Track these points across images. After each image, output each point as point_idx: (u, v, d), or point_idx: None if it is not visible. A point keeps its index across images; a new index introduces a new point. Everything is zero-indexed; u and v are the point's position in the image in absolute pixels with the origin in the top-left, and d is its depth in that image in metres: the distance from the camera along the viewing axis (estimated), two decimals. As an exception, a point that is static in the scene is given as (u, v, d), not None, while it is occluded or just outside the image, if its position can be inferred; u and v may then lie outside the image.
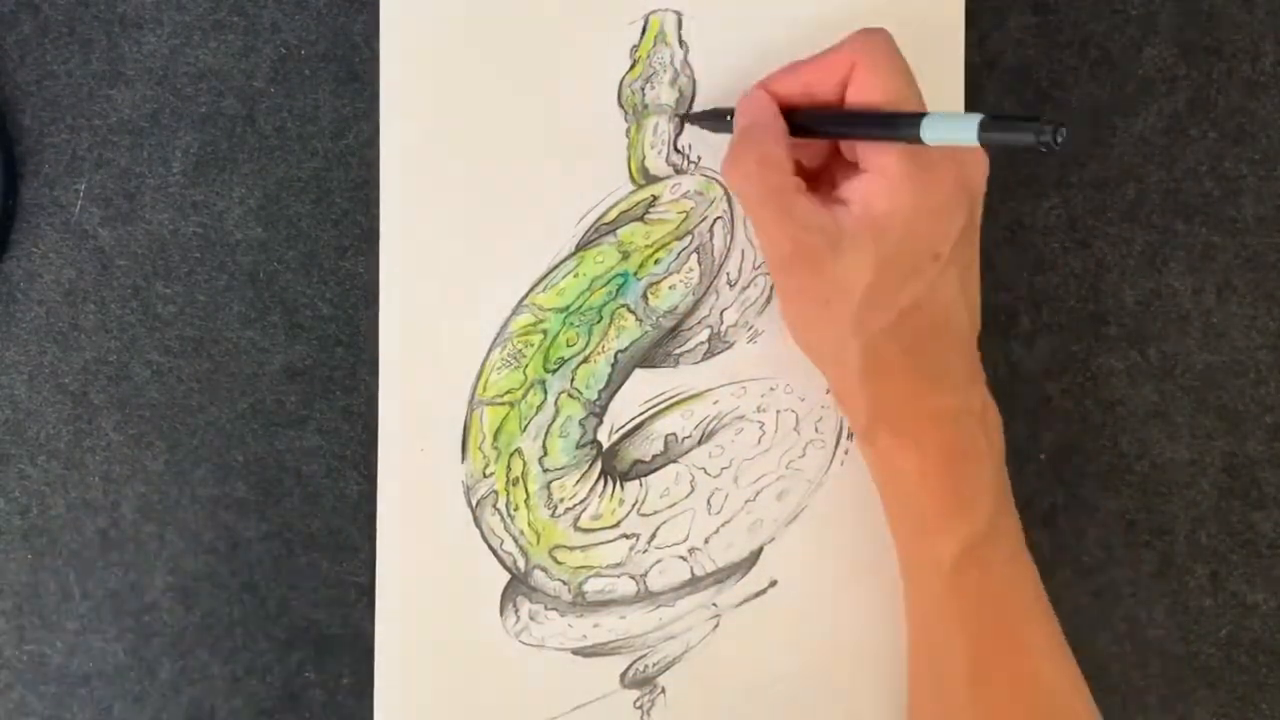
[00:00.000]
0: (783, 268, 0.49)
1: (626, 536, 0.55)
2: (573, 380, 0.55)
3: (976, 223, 0.50)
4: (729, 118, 0.52)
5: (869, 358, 0.48)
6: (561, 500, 0.55)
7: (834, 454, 0.55)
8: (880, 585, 0.54)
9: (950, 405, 0.49)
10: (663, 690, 0.55)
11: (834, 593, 0.55)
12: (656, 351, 0.55)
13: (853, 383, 0.49)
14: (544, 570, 0.55)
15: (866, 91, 0.48)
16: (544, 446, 0.55)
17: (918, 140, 0.46)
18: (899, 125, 0.47)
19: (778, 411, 0.55)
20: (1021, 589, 0.50)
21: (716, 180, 0.55)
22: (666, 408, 0.55)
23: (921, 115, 0.46)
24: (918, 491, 0.49)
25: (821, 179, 0.51)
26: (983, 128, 0.43)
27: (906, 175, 0.47)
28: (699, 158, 0.55)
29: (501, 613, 0.55)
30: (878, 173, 0.47)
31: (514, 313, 0.55)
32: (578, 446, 0.55)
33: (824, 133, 0.50)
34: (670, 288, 0.55)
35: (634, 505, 0.55)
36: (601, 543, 0.55)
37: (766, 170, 0.48)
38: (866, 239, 0.47)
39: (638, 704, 0.55)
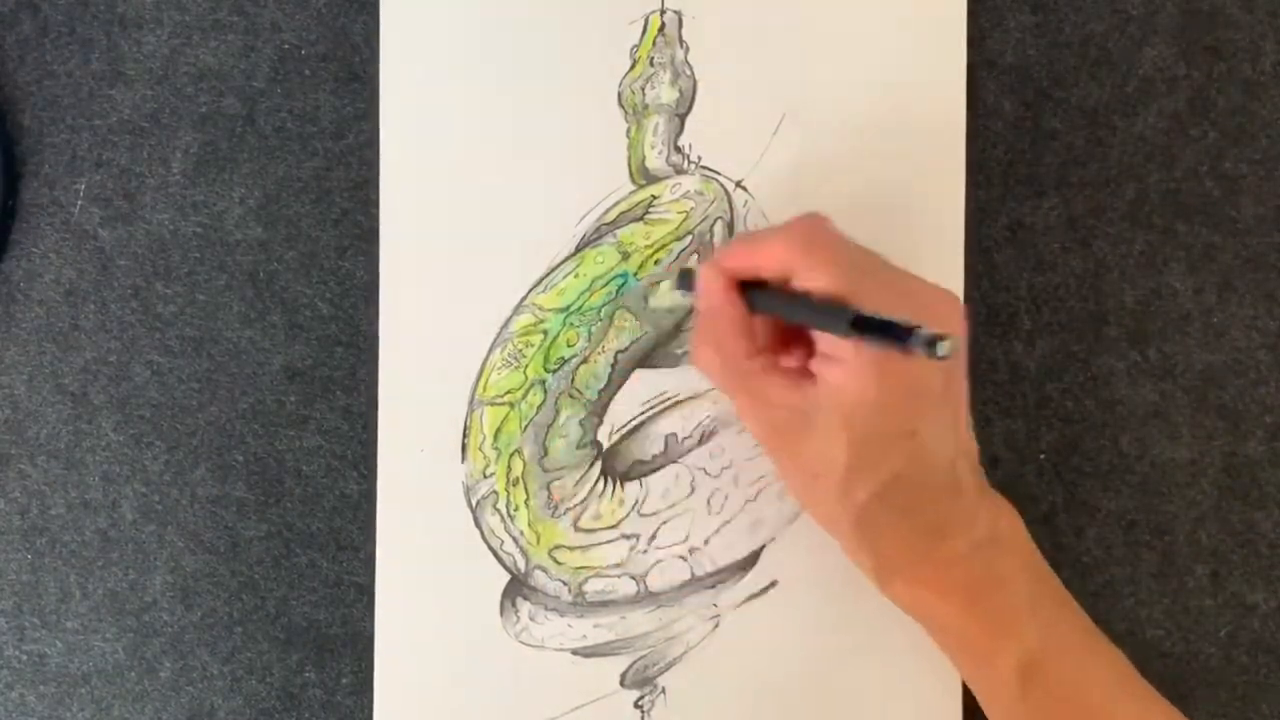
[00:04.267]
0: (766, 445, 0.50)
1: (626, 537, 0.55)
2: (573, 380, 0.55)
3: (957, 378, 0.49)
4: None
5: (863, 525, 0.48)
6: (561, 501, 0.55)
7: (834, 454, 0.55)
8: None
9: (957, 549, 0.49)
10: (663, 690, 0.55)
11: (834, 593, 0.55)
12: (656, 352, 0.55)
13: (853, 546, 0.50)
14: (544, 570, 0.55)
15: (806, 281, 0.47)
16: (544, 447, 0.55)
17: (851, 336, 0.44)
18: (823, 317, 0.46)
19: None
20: (1100, 681, 0.50)
21: (716, 180, 0.55)
22: (666, 408, 0.55)
23: (851, 315, 0.44)
24: (953, 627, 0.50)
25: (801, 342, 0.50)
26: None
27: (868, 361, 0.46)
28: (699, 158, 0.55)
29: (501, 613, 0.55)
30: (838, 359, 0.47)
31: (514, 313, 0.55)
32: (578, 447, 0.55)
33: (777, 315, 0.49)
34: (670, 288, 0.55)
35: (634, 505, 0.55)
36: (601, 543, 0.55)
37: (726, 357, 0.49)
38: (836, 421, 0.47)
39: (638, 704, 0.55)
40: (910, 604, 0.50)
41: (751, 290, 0.49)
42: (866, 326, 0.42)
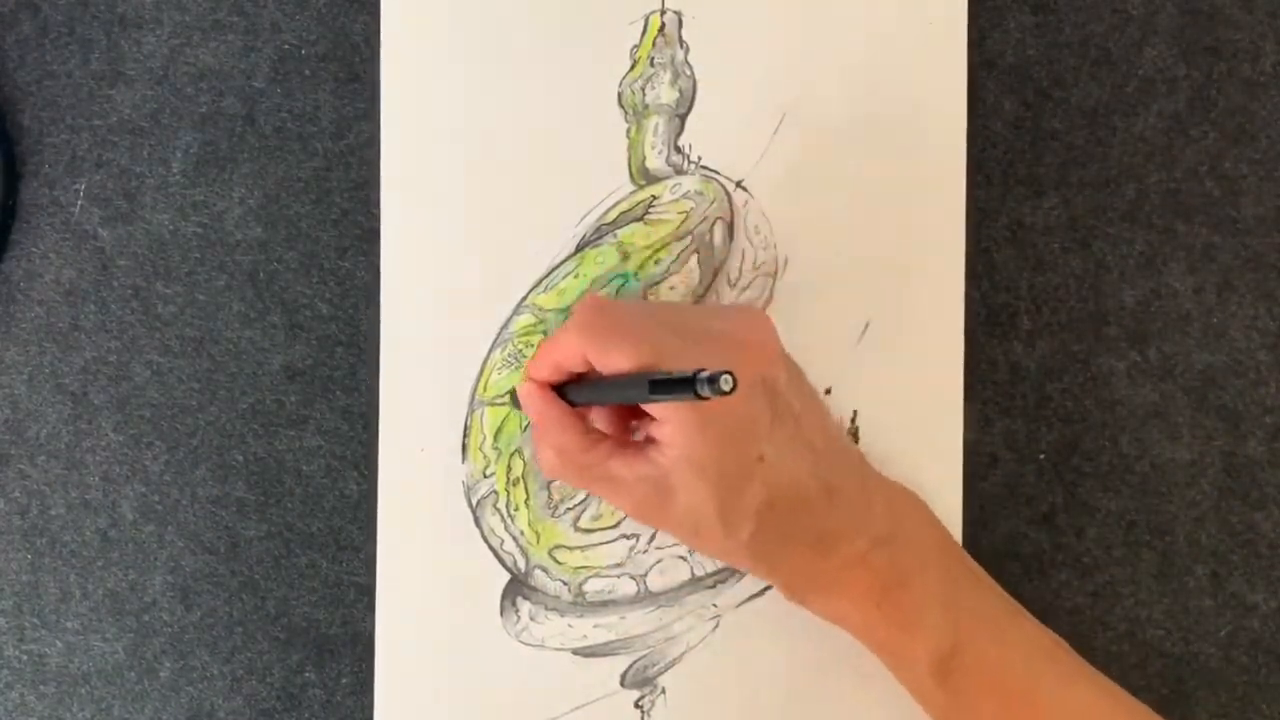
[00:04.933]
0: (641, 520, 0.51)
1: (626, 537, 0.55)
2: (573, 380, 0.55)
3: (785, 392, 0.49)
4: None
5: (757, 556, 0.50)
6: (561, 500, 0.55)
7: (834, 454, 0.55)
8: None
9: (856, 549, 0.50)
10: (663, 690, 0.55)
11: (834, 593, 0.55)
12: (656, 351, 0.55)
13: (759, 574, 0.51)
14: (544, 570, 0.55)
15: (606, 367, 0.48)
16: (544, 446, 0.55)
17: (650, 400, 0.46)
18: (628, 391, 0.47)
19: (778, 411, 0.55)
20: (1022, 662, 0.50)
21: (716, 180, 0.55)
22: (666, 408, 0.55)
23: (645, 382, 0.45)
24: (866, 628, 0.51)
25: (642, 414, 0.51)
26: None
27: (693, 411, 0.47)
28: (699, 158, 0.55)
29: (501, 613, 0.55)
30: (669, 418, 0.48)
31: (514, 313, 0.55)
32: (578, 446, 0.55)
33: (594, 402, 0.51)
34: (670, 288, 0.55)
35: (634, 505, 0.55)
36: (601, 543, 0.55)
37: (566, 458, 0.50)
38: (689, 475, 0.48)
39: (638, 704, 0.55)
40: (826, 613, 0.51)
41: (569, 388, 0.50)
42: (661, 388, 0.44)
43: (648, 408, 0.48)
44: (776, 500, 0.48)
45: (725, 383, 0.41)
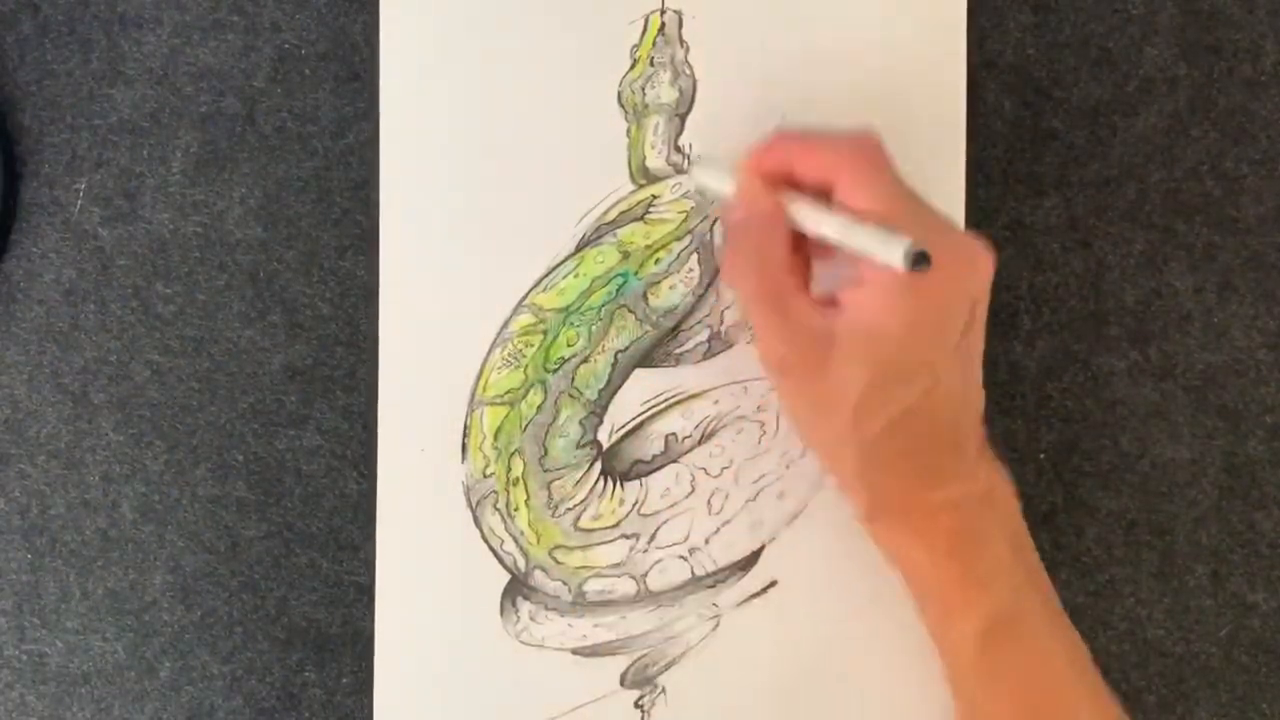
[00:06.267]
0: (778, 370, 0.49)
1: (626, 536, 0.55)
2: (573, 380, 0.55)
3: (981, 316, 0.48)
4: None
5: (865, 460, 0.47)
6: (561, 500, 0.55)
7: (834, 454, 0.55)
8: (880, 585, 0.54)
9: (951, 495, 0.48)
10: (663, 690, 0.55)
11: (834, 593, 0.55)
12: (656, 351, 0.55)
13: (850, 479, 0.49)
14: (544, 570, 0.55)
15: (855, 201, 0.46)
16: (544, 446, 0.55)
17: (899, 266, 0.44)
18: (886, 247, 0.45)
19: (778, 411, 0.55)
20: (1060, 659, 0.49)
21: (716, 180, 0.55)
22: (667, 408, 0.55)
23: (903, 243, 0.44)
24: (930, 574, 0.49)
25: (821, 259, 0.50)
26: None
27: (903, 290, 0.45)
28: (699, 157, 0.55)
29: (501, 613, 0.55)
30: (874, 285, 0.46)
31: (514, 313, 0.55)
32: (578, 446, 0.55)
33: (815, 233, 0.48)
34: (670, 288, 0.55)
35: (634, 505, 0.55)
36: (601, 543, 0.55)
37: (765, 271, 0.47)
38: (859, 350, 0.46)
39: (638, 704, 0.55)
40: (892, 546, 0.50)
41: (788, 199, 0.48)
42: (871, 240, 0.43)
43: (847, 270, 0.46)
44: (918, 415, 0.46)
45: (925, 262, 0.41)
